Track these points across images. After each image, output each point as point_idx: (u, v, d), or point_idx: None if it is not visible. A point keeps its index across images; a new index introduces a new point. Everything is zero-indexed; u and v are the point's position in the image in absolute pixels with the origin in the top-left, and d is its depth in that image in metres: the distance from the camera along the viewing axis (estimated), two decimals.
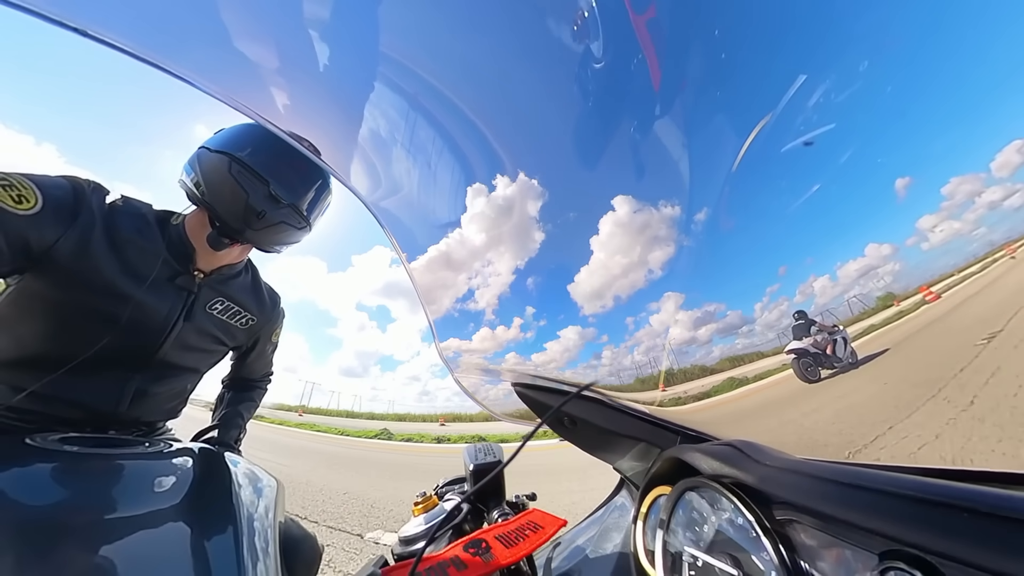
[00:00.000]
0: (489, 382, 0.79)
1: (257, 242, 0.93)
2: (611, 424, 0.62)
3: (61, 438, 0.67)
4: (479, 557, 0.48)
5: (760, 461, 0.40)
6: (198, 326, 0.94)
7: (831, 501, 0.32)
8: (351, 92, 0.63)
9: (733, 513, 0.39)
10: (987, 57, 0.39)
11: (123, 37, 0.47)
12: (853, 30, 0.48)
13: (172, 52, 0.50)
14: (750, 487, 0.38)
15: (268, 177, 0.84)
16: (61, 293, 0.77)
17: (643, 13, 0.56)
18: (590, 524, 0.72)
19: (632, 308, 0.64)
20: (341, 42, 0.57)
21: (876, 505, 0.29)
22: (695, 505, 0.44)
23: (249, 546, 0.54)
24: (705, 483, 0.43)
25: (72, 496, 0.51)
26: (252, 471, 0.76)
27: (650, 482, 0.53)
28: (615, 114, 0.60)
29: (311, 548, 0.95)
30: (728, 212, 0.59)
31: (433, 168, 0.67)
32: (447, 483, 0.75)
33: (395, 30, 0.58)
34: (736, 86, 0.56)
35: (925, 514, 0.26)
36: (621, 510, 0.72)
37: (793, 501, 0.35)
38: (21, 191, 0.68)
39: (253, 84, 0.59)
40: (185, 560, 0.48)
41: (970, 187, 0.41)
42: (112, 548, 0.45)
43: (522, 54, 0.59)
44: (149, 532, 0.49)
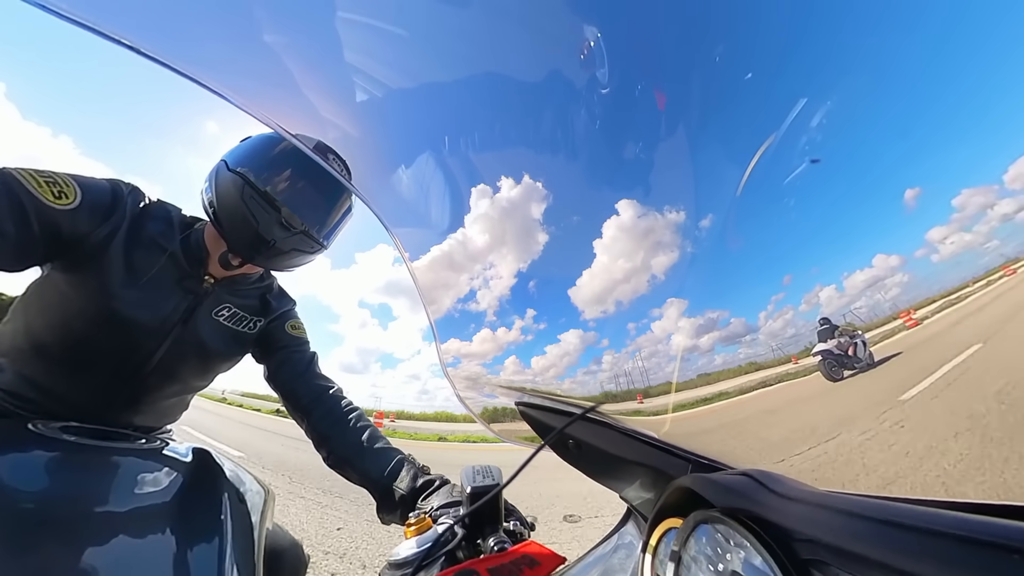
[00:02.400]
0: (490, 396, 0.77)
1: (267, 266, 0.92)
2: (617, 449, 0.59)
3: (62, 426, 0.68)
4: None
5: (780, 493, 0.37)
6: (201, 331, 0.91)
7: (863, 540, 0.28)
8: (358, 94, 0.63)
9: (750, 551, 0.36)
10: (999, 67, 0.39)
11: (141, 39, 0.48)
12: (864, 39, 0.47)
13: (195, 57, 0.51)
14: (769, 522, 0.35)
15: (282, 204, 0.82)
16: (74, 287, 0.79)
17: (654, 23, 0.56)
18: (594, 561, 0.67)
19: (634, 313, 0.63)
20: (350, 47, 0.58)
21: (915, 545, 0.26)
22: (709, 540, 0.40)
23: (233, 551, 0.53)
24: (719, 517, 0.39)
25: (63, 485, 0.51)
26: (242, 477, 0.76)
27: (659, 513, 0.49)
28: (622, 119, 0.60)
29: (296, 557, 0.95)
30: (734, 219, 0.58)
31: (438, 169, 0.67)
32: (442, 505, 0.72)
33: (403, 35, 0.58)
34: (745, 94, 0.56)
35: (971, 556, 0.24)
36: (628, 548, 0.66)
37: (819, 539, 0.31)
38: (63, 188, 0.73)
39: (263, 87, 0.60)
40: (166, 561, 0.47)
41: (982, 199, 0.40)
42: (95, 541, 0.45)
43: (531, 59, 0.59)
44: (134, 529, 0.49)
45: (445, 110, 0.63)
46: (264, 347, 1.04)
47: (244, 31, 0.55)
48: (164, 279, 0.85)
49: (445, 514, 0.68)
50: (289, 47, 0.58)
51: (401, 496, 0.79)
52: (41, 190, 0.70)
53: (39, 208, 0.69)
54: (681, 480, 0.48)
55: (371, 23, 0.57)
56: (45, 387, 0.81)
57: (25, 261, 0.73)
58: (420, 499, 0.76)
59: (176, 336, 0.87)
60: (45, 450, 0.58)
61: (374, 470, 0.84)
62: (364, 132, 0.70)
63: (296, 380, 1.00)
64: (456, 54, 0.60)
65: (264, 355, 1.04)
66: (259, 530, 0.63)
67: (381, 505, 0.83)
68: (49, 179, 0.72)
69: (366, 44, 0.59)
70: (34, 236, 0.69)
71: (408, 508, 0.77)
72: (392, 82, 0.62)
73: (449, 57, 0.60)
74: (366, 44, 0.59)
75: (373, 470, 0.84)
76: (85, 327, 0.80)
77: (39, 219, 0.69)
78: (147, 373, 0.86)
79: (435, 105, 0.64)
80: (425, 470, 0.85)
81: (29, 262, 0.74)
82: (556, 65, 0.58)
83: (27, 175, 0.69)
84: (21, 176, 0.69)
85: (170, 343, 0.87)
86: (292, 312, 1.09)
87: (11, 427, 0.64)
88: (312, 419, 0.94)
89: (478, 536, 0.59)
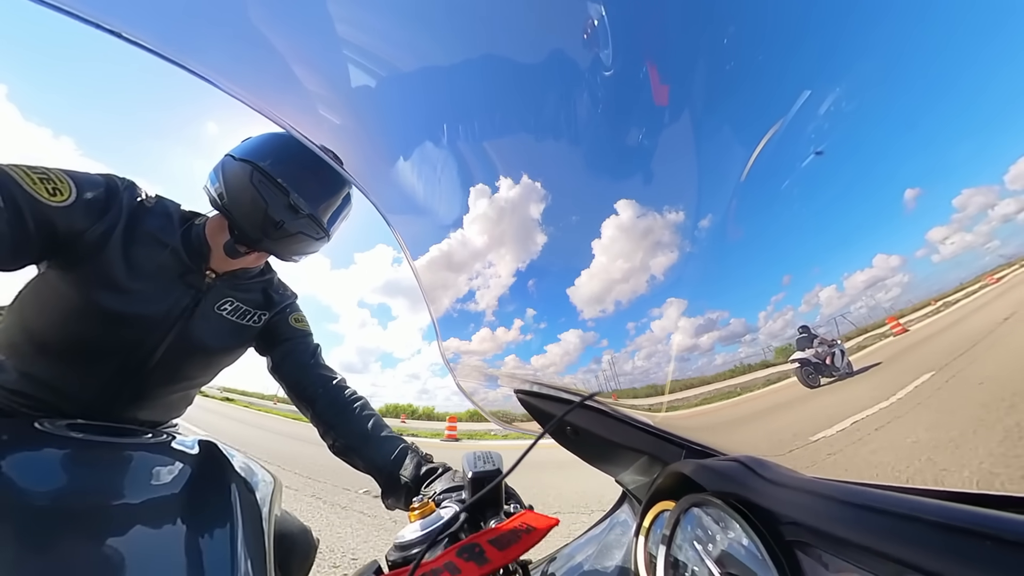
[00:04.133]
0: (490, 387, 0.78)
1: (275, 251, 0.93)
2: (614, 435, 0.61)
3: (68, 424, 0.68)
4: (473, 561, 0.48)
5: (768, 478, 0.39)
6: (204, 325, 0.92)
7: (845, 524, 0.30)
8: (360, 92, 0.63)
9: (739, 532, 0.37)
10: (1000, 67, 0.38)
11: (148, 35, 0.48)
12: (866, 37, 0.47)
13: (194, 51, 0.52)
14: (757, 505, 0.37)
15: (289, 187, 0.84)
16: (72, 284, 0.79)
17: (653, 19, 0.56)
18: (589, 540, 0.70)
19: (633, 313, 0.63)
20: (355, 48, 0.58)
21: (894, 530, 0.27)
22: (700, 522, 0.42)
23: (244, 539, 0.54)
24: (710, 500, 0.41)
25: (73, 482, 0.52)
26: (249, 466, 0.77)
27: (653, 496, 0.52)
28: (622, 118, 0.60)
29: (306, 542, 0.96)
30: (734, 219, 0.58)
31: (439, 168, 0.67)
32: (444, 490, 0.73)
33: (405, 36, 0.58)
34: (746, 92, 0.56)
35: (947, 541, 0.25)
36: (623, 526, 0.69)
37: (803, 522, 0.33)
38: (57, 184, 0.72)
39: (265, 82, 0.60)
40: (179, 551, 0.48)
41: (983, 199, 0.39)
42: (108, 536, 0.46)
43: (531, 57, 0.59)
44: (145, 522, 0.49)
45: (445, 109, 0.64)
46: (268, 340, 1.06)
47: (245, 24, 0.55)
48: (165, 274, 0.85)
49: (448, 498, 0.70)
50: (291, 43, 0.58)
51: (406, 483, 0.81)
52: (35, 187, 0.69)
53: (34, 206, 0.68)
54: (675, 465, 0.50)
55: (374, 24, 0.57)
56: (49, 385, 0.81)
57: (20, 260, 0.72)
58: (423, 485, 0.79)
59: (179, 331, 0.88)
60: (54, 448, 0.59)
61: (379, 458, 0.87)
62: (365, 131, 0.70)
63: (301, 370, 1.02)
64: (456, 54, 0.60)
65: (268, 347, 1.06)
66: (268, 517, 0.64)
67: (386, 491, 0.86)
68: (43, 176, 0.71)
69: (370, 46, 0.59)
70: (29, 234, 0.68)
71: (412, 494, 0.79)
72: (393, 81, 0.63)
73: (450, 56, 0.60)
74: (370, 46, 0.59)
75: (378, 458, 0.87)
76: (85, 324, 0.80)
77: (34, 217, 0.68)
78: (151, 369, 0.87)
79: (436, 104, 0.64)
80: (428, 458, 0.88)
81: (24, 261, 0.74)
82: (556, 64, 0.58)
83: (21, 172, 0.68)
84: (15, 173, 0.68)
85: (173, 338, 0.87)
86: (295, 305, 1.11)
87: (18, 426, 0.65)
88: (317, 408, 0.96)
89: (480, 519, 0.61)
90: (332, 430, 0.93)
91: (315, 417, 0.96)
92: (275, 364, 1.04)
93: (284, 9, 0.57)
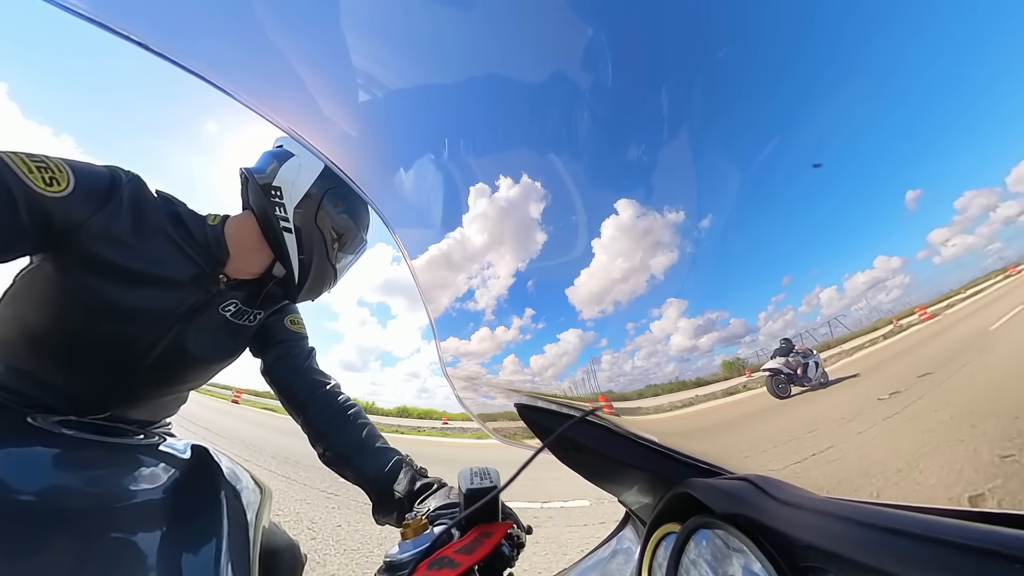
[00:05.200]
0: (489, 397, 0.77)
1: (307, 295, 1.00)
2: (616, 452, 0.58)
3: (60, 420, 0.68)
4: (445, 569, 0.48)
5: (780, 499, 0.36)
6: (206, 327, 0.90)
7: (864, 547, 0.28)
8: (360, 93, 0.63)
9: (749, 557, 0.35)
10: (1002, 69, 0.38)
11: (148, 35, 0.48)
12: (868, 37, 0.47)
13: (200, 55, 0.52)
14: (768, 528, 0.35)
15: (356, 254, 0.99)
16: (71, 277, 0.76)
17: (655, 19, 0.56)
18: (592, 565, 0.68)
19: (633, 313, 0.63)
20: (353, 48, 0.58)
21: (916, 553, 0.25)
22: (707, 546, 0.40)
23: (228, 549, 0.53)
24: (717, 523, 0.39)
25: (62, 480, 0.51)
26: (239, 475, 0.76)
27: (657, 518, 0.50)
28: (622, 118, 0.60)
29: (293, 557, 0.93)
30: (734, 220, 0.58)
31: (437, 167, 0.67)
32: (439, 507, 0.71)
33: (404, 35, 0.58)
34: (747, 92, 0.56)
35: (971, 564, 0.23)
36: (626, 554, 0.66)
37: (819, 546, 0.31)
38: (55, 173, 0.69)
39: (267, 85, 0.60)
40: (161, 557, 0.47)
41: (985, 201, 0.39)
42: (90, 537, 0.45)
43: (531, 57, 0.59)
44: (130, 525, 0.49)
45: (444, 109, 0.63)
46: (262, 341, 1.03)
47: (248, 30, 0.55)
48: (175, 272, 0.82)
49: (442, 516, 0.67)
50: (293, 46, 0.58)
51: (399, 498, 0.78)
52: (31, 176, 0.66)
53: (28, 196, 0.65)
54: (680, 485, 0.48)
55: (372, 23, 0.57)
56: (41, 380, 0.80)
57: (12, 252, 0.69)
58: (417, 502, 0.75)
59: (178, 331, 0.85)
60: (45, 444, 0.58)
61: (372, 470, 0.83)
62: (365, 130, 0.69)
63: (293, 374, 0.98)
64: (456, 53, 0.59)
65: (261, 349, 1.03)
66: (255, 529, 0.63)
67: (378, 506, 0.82)
68: (41, 164, 0.68)
69: (370, 46, 0.58)
70: (23, 226, 0.66)
71: (405, 510, 0.76)
72: (393, 81, 0.62)
73: (449, 56, 0.60)
74: (370, 46, 0.58)
75: (371, 470, 0.83)
76: (83, 319, 0.77)
77: (28, 208, 0.65)
78: (146, 367, 0.85)
79: (435, 104, 0.63)
80: (423, 472, 0.84)
81: (17, 252, 0.71)
82: (556, 64, 0.58)
83: (17, 160, 0.65)
84: (11, 160, 0.65)
85: (171, 337, 0.85)
86: (292, 307, 1.08)
87: (9, 421, 0.64)
88: (308, 414, 0.92)
89: None
90: (323, 438, 0.90)
91: (306, 423, 0.93)
92: (267, 366, 1.00)
93: (290, 15, 0.56)
